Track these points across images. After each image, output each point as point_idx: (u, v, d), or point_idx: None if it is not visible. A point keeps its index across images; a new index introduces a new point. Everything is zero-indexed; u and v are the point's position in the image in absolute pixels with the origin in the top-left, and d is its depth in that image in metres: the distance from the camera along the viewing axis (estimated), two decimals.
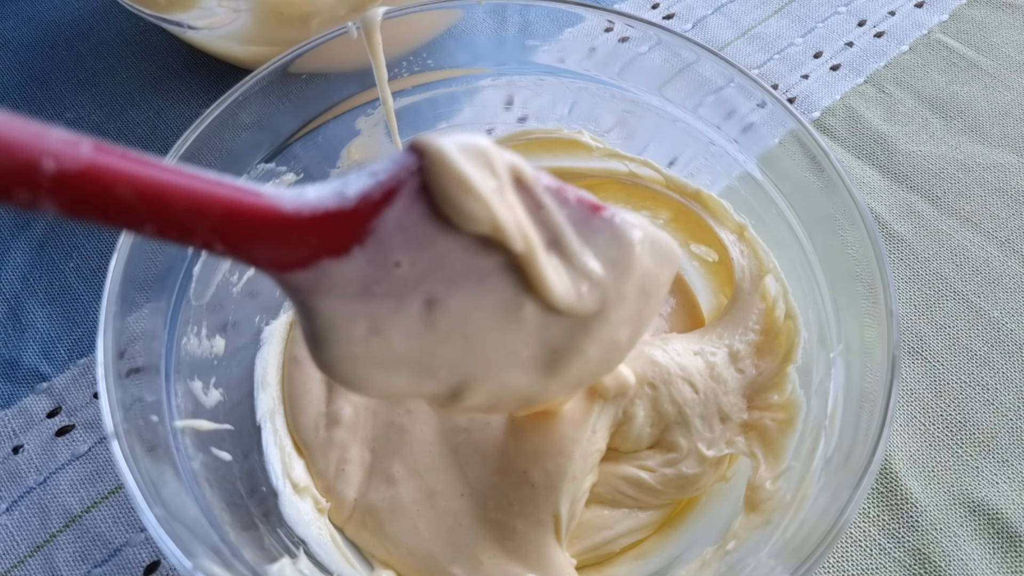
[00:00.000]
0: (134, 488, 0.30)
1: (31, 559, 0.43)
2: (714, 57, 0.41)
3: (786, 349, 0.40)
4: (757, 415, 0.40)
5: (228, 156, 0.40)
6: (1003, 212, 0.55)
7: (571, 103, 0.46)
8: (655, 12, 0.67)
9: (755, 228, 0.43)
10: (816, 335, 0.39)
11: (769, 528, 0.35)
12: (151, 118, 0.60)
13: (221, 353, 0.41)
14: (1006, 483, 0.45)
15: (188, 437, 0.36)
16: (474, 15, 0.63)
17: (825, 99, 0.61)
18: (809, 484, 0.34)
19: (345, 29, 0.41)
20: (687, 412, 0.40)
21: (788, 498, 0.35)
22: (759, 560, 0.33)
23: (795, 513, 0.34)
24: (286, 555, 0.36)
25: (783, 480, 0.37)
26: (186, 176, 0.23)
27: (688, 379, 0.40)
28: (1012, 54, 0.64)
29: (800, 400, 0.39)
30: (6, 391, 0.48)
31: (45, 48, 0.64)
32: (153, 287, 0.37)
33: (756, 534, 0.35)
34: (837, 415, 0.36)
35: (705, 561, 0.37)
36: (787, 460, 0.37)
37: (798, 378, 0.39)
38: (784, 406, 0.39)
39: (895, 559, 0.42)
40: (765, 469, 0.38)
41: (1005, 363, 0.49)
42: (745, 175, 0.42)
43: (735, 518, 0.37)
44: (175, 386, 0.36)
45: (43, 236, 0.54)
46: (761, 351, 0.41)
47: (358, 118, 0.45)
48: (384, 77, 0.43)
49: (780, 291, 0.42)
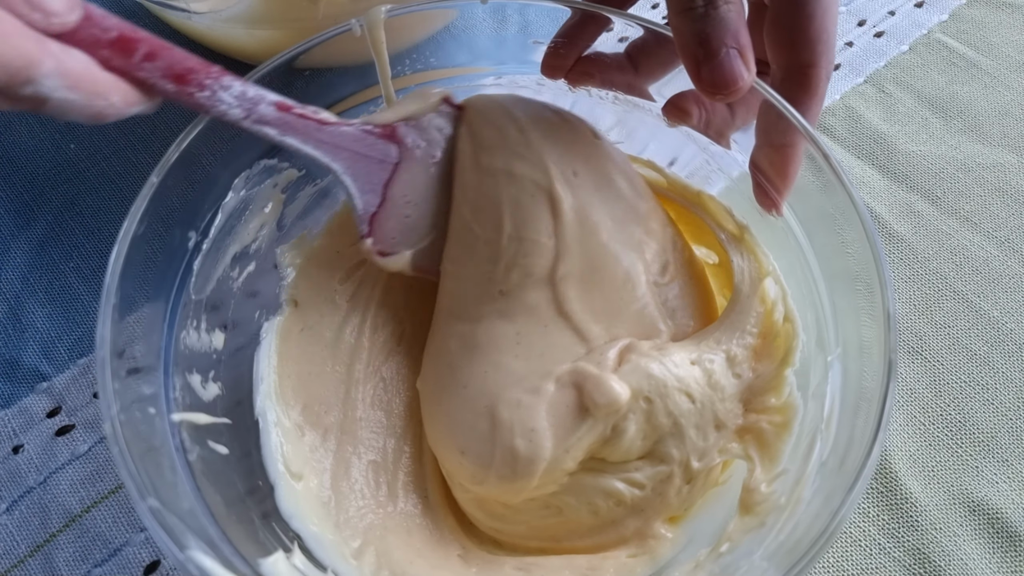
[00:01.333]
0: (128, 479, 0.30)
1: (31, 559, 0.43)
2: None
3: (784, 352, 0.40)
4: (754, 418, 0.39)
5: (229, 153, 0.41)
6: (1003, 212, 0.55)
7: (571, 103, 0.46)
8: (655, 12, 0.67)
9: (754, 228, 0.43)
10: (814, 338, 0.39)
11: (763, 531, 0.35)
12: (151, 118, 0.60)
13: (220, 347, 0.41)
14: (1006, 483, 0.45)
15: (185, 430, 0.36)
16: (474, 14, 0.63)
17: (825, 99, 0.61)
18: (803, 487, 0.34)
19: (348, 27, 0.41)
20: (682, 423, 0.39)
21: (783, 501, 0.35)
22: (752, 563, 0.33)
23: (789, 516, 0.34)
24: (280, 549, 0.36)
25: (778, 483, 0.37)
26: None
27: (685, 390, 0.39)
28: (1012, 54, 0.64)
29: (797, 403, 0.38)
30: (6, 391, 0.48)
31: None
32: (152, 281, 0.37)
33: (750, 536, 0.35)
34: (833, 418, 0.36)
35: (699, 563, 0.37)
36: (783, 463, 0.37)
37: (796, 381, 0.39)
38: (781, 409, 0.39)
39: (895, 559, 0.43)
40: (761, 472, 0.38)
41: (1005, 363, 0.49)
42: (745, 175, 0.42)
43: (729, 520, 0.37)
44: (173, 379, 0.36)
45: (43, 236, 0.54)
46: (759, 354, 0.41)
47: (360, 115, 0.45)
48: (387, 75, 0.43)
49: (779, 294, 0.41)
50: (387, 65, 0.43)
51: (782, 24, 0.37)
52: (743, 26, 0.34)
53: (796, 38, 0.37)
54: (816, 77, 0.37)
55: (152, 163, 0.37)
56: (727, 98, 0.35)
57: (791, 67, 0.38)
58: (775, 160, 0.39)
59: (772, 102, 0.38)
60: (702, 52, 0.34)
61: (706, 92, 0.35)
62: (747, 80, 0.34)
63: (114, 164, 0.57)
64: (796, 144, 0.38)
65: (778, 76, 0.39)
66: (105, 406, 0.31)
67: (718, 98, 0.35)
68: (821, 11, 0.36)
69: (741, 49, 0.34)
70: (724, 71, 0.34)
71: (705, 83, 0.35)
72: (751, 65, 0.34)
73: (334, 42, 0.41)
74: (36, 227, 0.55)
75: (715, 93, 0.35)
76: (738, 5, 0.34)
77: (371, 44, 0.42)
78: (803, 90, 0.38)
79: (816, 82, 0.38)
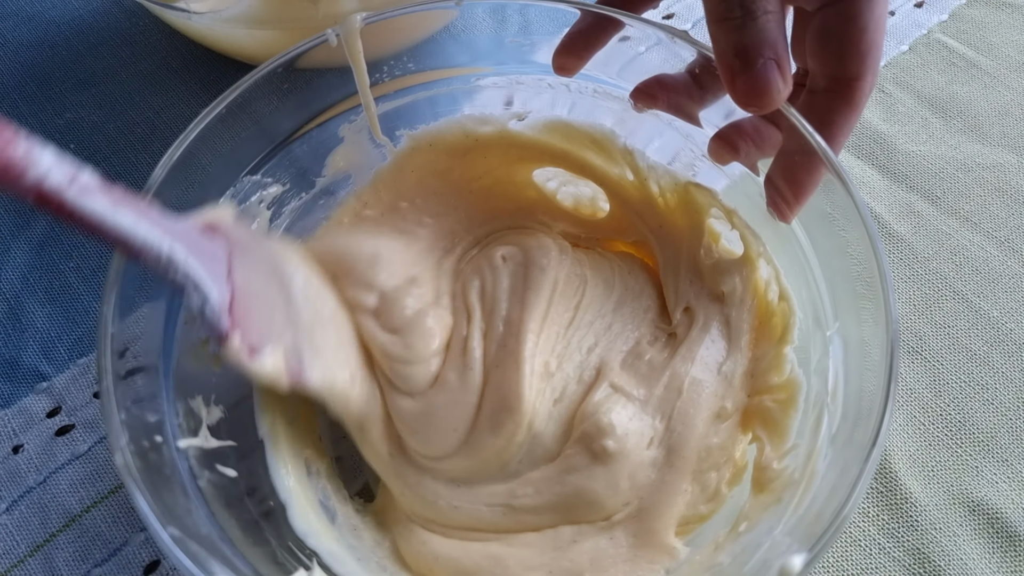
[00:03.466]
0: (147, 511, 0.30)
1: (31, 559, 0.43)
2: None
3: (782, 331, 0.41)
4: (758, 399, 0.40)
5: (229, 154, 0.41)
6: (1003, 212, 0.55)
7: (571, 103, 0.46)
8: (655, 12, 0.67)
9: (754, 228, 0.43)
10: (811, 315, 0.40)
11: (780, 507, 0.35)
12: (151, 118, 0.60)
13: (220, 369, 0.40)
14: (1006, 483, 0.45)
15: (193, 456, 0.36)
16: (474, 14, 0.63)
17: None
18: (816, 461, 0.35)
19: (324, 37, 0.41)
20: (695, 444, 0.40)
21: (796, 475, 0.35)
22: (773, 539, 0.33)
23: (805, 490, 0.34)
24: (300, 568, 0.36)
25: (789, 458, 0.37)
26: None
27: (698, 413, 0.40)
28: (1012, 54, 0.64)
29: (800, 379, 0.39)
30: (6, 391, 0.48)
31: (44, 47, 0.64)
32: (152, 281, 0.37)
33: (767, 514, 0.36)
34: (839, 391, 0.36)
35: (718, 544, 0.37)
36: (791, 439, 0.38)
37: (796, 358, 0.40)
38: (784, 386, 0.39)
39: (895, 559, 0.43)
40: (770, 449, 0.38)
41: (1005, 363, 0.49)
42: (745, 174, 0.42)
43: (745, 501, 0.38)
44: (176, 405, 0.36)
45: (43, 236, 0.54)
46: (758, 336, 0.41)
47: (342, 125, 0.45)
48: (366, 83, 0.43)
49: (772, 274, 0.42)
50: (365, 73, 0.43)
51: (832, 34, 0.36)
52: (782, 37, 0.34)
53: (846, 50, 0.36)
54: (860, 90, 0.37)
55: (152, 163, 0.37)
56: (761, 110, 0.34)
57: (837, 78, 0.37)
58: (791, 177, 0.39)
59: (796, 123, 0.37)
60: (738, 63, 0.34)
61: (740, 103, 0.35)
62: (783, 92, 0.34)
63: (114, 164, 0.57)
64: (817, 168, 0.37)
65: (820, 85, 0.38)
66: (114, 437, 0.31)
67: (752, 109, 0.35)
68: (874, 25, 0.35)
69: (779, 61, 0.33)
70: (760, 82, 0.33)
71: (740, 93, 0.34)
72: (788, 78, 0.34)
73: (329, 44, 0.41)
74: (36, 227, 0.55)
75: (749, 104, 0.34)
76: (778, 15, 0.34)
77: (348, 53, 0.41)
78: (845, 103, 0.37)
79: (860, 96, 0.37)
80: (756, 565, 0.33)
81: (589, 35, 0.42)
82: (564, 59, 0.43)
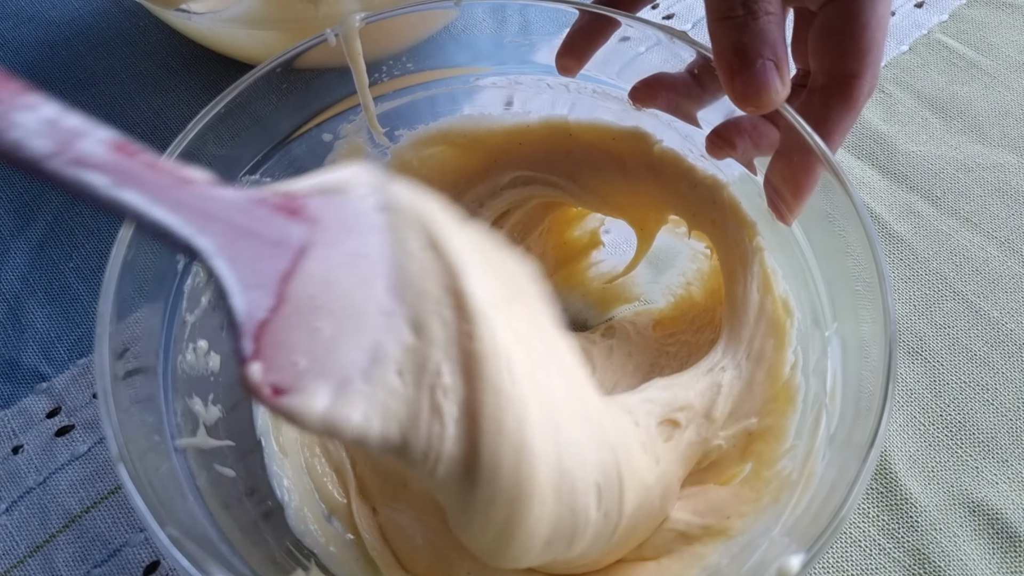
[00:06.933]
0: (145, 511, 0.29)
1: (31, 559, 0.43)
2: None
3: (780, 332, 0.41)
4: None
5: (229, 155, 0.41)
6: (1003, 212, 0.55)
7: (571, 103, 0.46)
8: (655, 12, 0.67)
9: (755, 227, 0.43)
10: (810, 316, 0.40)
11: (778, 508, 0.35)
12: (151, 118, 0.60)
13: (218, 369, 0.40)
14: (1006, 483, 0.45)
15: (191, 456, 0.36)
16: (473, 15, 0.63)
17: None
18: (814, 461, 0.35)
19: (323, 37, 0.41)
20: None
21: (794, 476, 0.35)
22: (772, 539, 0.33)
23: (803, 491, 0.34)
24: (299, 569, 0.36)
25: (787, 459, 0.37)
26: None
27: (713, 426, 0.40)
28: (1012, 54, 0.64)
29: (798, 380, 0.39)
30: (6, 391, 0.48)
31: (44, 48, 0.64)
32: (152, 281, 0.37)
33: (766, 514, 0.36)
34: (837, 392, 0.36)
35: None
36: (789, 440, 0.38)
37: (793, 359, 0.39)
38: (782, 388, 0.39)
39: (895, 559, 0.42)
40: (768, 450, 0.38)
41: (1005, 363, 0.49)
42: (745, 175, 0.42)
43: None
44: (174, 405, 0.36)
45: (43, 236, 0.54)
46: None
47: (341, 125, 0.45)
48: (365, 83, 0.43)
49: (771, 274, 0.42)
50: (364, 73, 0.43)
51: (833, 31, 0.36)
52: (782, 39, 0.34)
53: (846, 47, 0.36)
54: (859, 88, 0.37)
55: None
56: (758, 110, 0.35)
57: (836, 75, 0.37)
58: (789, 176, 0.39)
59: (793, 123, 0.37)
60: (737, 62, 0.34)
61: (737, 102, 0.35)
62: (781, 94, 0.34)
63: None
64: (814, 167, 0.37)
65: (819, 82, 0.38)
66: (111, 437, 0.31)
67: (749, 109, 0.35)
68: (875, 23, 0.36)
69: (778, 62, 0.34)
70: (758, 82, 0.33)
71: (738, 92, 0.34)
72: (786, 80, 0.34)
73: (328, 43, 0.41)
74: (36, 227, 0.55)
75: (746, 103, 0.34)
76: (778, 16, 0.34)
77: (347, 53, 0.41)
78: (843, 100, 0.37)
79: (859, 94, 0.37)
80: (754, 565, 0.33)
81: (589, 34, 0.42)
82: (567, 60, 0.43)
